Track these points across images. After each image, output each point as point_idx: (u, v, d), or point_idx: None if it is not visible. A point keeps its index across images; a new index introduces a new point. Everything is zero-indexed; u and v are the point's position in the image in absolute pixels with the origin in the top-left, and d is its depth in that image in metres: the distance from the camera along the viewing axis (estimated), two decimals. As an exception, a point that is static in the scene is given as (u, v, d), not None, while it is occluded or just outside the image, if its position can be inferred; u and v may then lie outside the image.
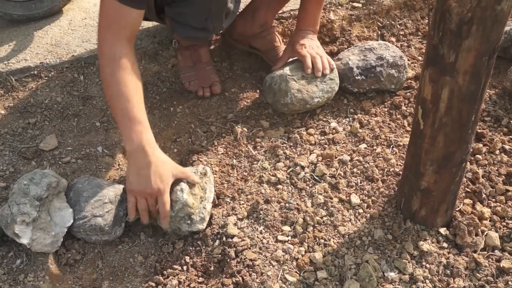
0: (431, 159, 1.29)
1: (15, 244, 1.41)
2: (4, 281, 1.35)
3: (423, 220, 1.41)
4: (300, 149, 1.67)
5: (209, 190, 1.48)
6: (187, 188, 1.41)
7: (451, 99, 1.16)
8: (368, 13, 2.19)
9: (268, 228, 1.44)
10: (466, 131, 1.22)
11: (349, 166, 1.60)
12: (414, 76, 1.94)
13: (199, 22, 1.60)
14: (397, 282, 1.30)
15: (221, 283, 1.31)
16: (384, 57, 1.83)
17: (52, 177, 1.43)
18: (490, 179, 1.54)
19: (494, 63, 1.13)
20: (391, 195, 1.51)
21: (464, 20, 1.03)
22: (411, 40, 2.14)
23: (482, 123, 1.74)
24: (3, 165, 1.63)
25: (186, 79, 1.88)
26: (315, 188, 1.53)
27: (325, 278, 1.31)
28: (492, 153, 1.62)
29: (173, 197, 1.40)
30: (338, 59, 1.89)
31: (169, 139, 1.76)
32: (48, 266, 1.38)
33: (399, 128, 1.74)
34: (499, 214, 1.45)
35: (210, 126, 1.79)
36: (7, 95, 1.86)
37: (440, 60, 1.12)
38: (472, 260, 1.34)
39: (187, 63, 1.89)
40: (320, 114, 1.80)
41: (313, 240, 1.40)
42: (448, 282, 1.30)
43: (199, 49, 1.88)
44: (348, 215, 1.46)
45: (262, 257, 1.36)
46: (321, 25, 2.13)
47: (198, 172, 1.47)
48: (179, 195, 1.40)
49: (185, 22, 1.60)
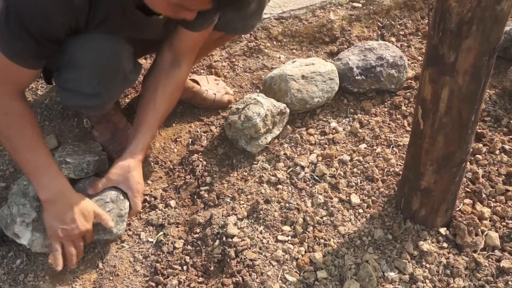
0: (431, 159, 1.29)
1: (15, 244, 1.41)
2: (4, 281, 1.35)
3: (423, 220, 1.41)
4: (300, 149, 1.67)
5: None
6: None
7: (451, 99, 1.16)
8: (368, 13, 2.19)
9: (268, 228, 1.44)
10: (466, 131, 1.22)
11: (349, 166, 1.60)
12: (414, 76, 1.94)
13: (90, 87, 1.38)
14: (397, 282, 1.30)
15: (221, 283, 1.31)
16: (384, 57, 1.83)
17: None
18: (490, 179, 1.54)
19: (494, 63, 1.13)
20: (391, 195, 1.51)
21: (464, 20, 1.03)
22: (411, 40, 2.14)
23: (482, 123, 1.74)
24: (3, 165, 1.63)
25: (113, 151, 1.65)
26: (315, 188, 1.53)
27: (325, 278, 1.31)
28: (492, 153, 1.62)
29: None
30: (338, 59, 1.89)
31: (169, 139, 1.76)
32: (48, 266, 1.38)
33: (399, 128, 1.74)
34: (499, 214, 1.45)
35: (210, 126, 1.79)
36: (7, 95, 1.86)
37: (440, 60, 1.12)
38: (472, 260, 1.34)
39: (106, 137, 1.67)
40: (320, 114, 1.80)
41: (313, 240, 1.40)
42: (448, 282, 1.30)
43: (112, 117, 1.68)
44: (348, 215, 1.46)
45: (262, 257, 1.36)
46: (321, 25, 2.13)
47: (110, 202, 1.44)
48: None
49: (75, 88, 1.38)
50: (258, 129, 1.61)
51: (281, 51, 2.10)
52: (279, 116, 1.67)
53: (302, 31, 2.13)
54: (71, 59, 1.32)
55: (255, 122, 1.60)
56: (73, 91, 1.39)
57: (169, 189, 1.61)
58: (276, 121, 1.67)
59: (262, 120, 1.61)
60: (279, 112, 1.67)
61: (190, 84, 1.78)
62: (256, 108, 1.62)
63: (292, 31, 2.12)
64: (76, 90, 1.39)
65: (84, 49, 1.31)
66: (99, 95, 1.41)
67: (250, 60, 2.05)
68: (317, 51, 2.11)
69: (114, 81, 1.41)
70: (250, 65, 2.04)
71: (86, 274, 1.40)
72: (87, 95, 1.40)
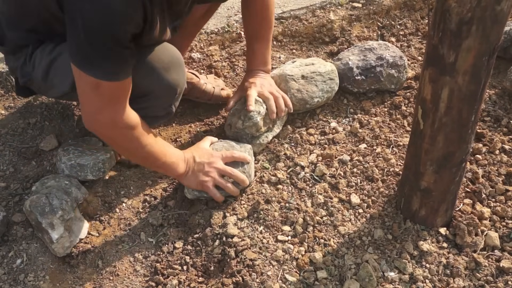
0: (431, 159, 1.29)
1: (15, 244, 1.41)
2: (5, 281, 1.35)
3: (423, 220, 1.41)
4: (300, 149, 1.67)
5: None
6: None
7: (451, 99, 1.16)
8: (368, 13, 2.19)
9: (268, 228, 1.44)
10: (466, 131, 1.22)
11: (349, 166, 1.60)
12: (414, 76, 1.94)
13: (164, 110, 1.50)
14: (397, 282, 1.30)
15: (221, 283, 1.32)
16: (384, 57, 1.83)
17: (82, 188, 1.50)
18: (490, 179, 1.54)
19: (494, 63, 1.13)
20: (391, 195, 1.51)
21: (464, 20, 1.03)
22: (411, 40, 2.14)
23: (482, 123, 1.74)
24: (3, 165, 1.63)
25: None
26: (315, 188, 1.53)
27: (325, 278, 1.31)
28: (492, 153, 1.62)
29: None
30: (338, 59, 1.89)
31: (169, 139, 1.76)
32: (48, 266, 1.38)
33: (399, 128, 1.74)
34: (499, 214, 1.45)
35: (210, 126, 1.79)
36: (7, 95, 1.86)
37: (440, 60, 1.12)
38: (472, 260, 1.34)
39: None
40: (320, 114, 1.80)
41: (313, 240, 1.40)
42: (448, 282, 1.30)
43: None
44: (348, 215, 1.46)
45: (262, 257, 1.36)
46: (321, 25, 2.13)
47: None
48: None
49: (146, 114, 1.40)
50: (259, 128, 1.61)
51: (281, 51, 2.10)
52: None
53: (302, 31, 2.13)
54: (141, 91, 1.34)
55: (256, 120, 1.60)
56: (145, 117, 1.38)
57: (169, 189, 1.61)
58: (276, 119, 1.67)
59: (263, 119, 1.62)
60: None
61: (188, 75, 1.79)
62: (256, 107, 1.62)
63: (292, 31, 2.13)
64: (147, 115, 1.40)
65: (153, 80, 1.36)
66: (170, 114, 1.52)
67: (250, 60, 2.05)
68: (317, 51, 2.11)
69: (180, 96, 1.49)
70: (250, 65, 2.04)
71: (86, 274, 1.40)
72: (159, 117, 1.52)
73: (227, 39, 2.09)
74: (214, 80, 1.90)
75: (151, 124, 1.46)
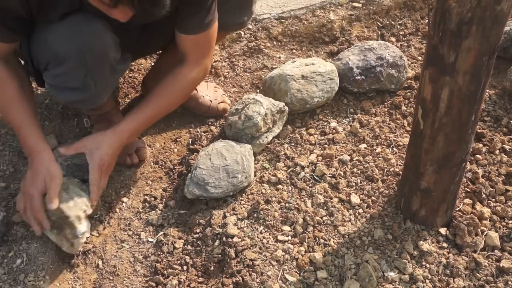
0: (431, 159, 1.29)
1: (15, 244, 1.41)
2: (5, 281, 1.35)
3: (423, 220, 1.41)
4: (300, 149, 1.67)
5: None
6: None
7: (451, 99, 1.16)
8: (368, 13, 2.19)
9: (268, 228, 1.44)
10: (466, 131, 1.22)
11: (349, 166, 1.60)
12: (414, 76, 1.94)
13: (78, 80, 1.37)
14: (397, 282, 1.30)
15: (221, 283, 1.32)
16: (384, 57, 1.83)
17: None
18: (490, 179, 1.54)
19: (494, 63, 1.13)
20: (391, 195, 1.51)
21: (464, 20, 1.03)
22: (411, 40, 2.14)
23: (482, 123, 1.74)
24: (3, 165, 1.63)
25: None
26: (315, 188, 1.53)
27: (325, 278, 1.31)
28: (492, 153, 1.62)
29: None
30: (338, 59, 1.89)
31: (169, 139, 1.76)
32: (48, 266, 1.38)
33: (399, 128, 1.74)
34: (499, 214, 1.45)
35: (210, 126, 1.79)
36: (7, 95, 1.86)
37: (440, 60, 1.12)
38: (472, 260, 1.34)
39: None
40: (320, 114, 1.80)
41: (313, 240, 1.40)
42: (448, 282, 1.30)
43: (111, 117, 1.65)
44: (348, 215, 1.46)
45: (262, 257, 1.36)
46: (321, 25, 2.13)
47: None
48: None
49: (63, 84, 1.38)
50: (259, 128, 1.61)
51: (281, 51, 2.10)
52: (278, 114, 1.67)
53: (302, 31, 2.13)
54: (53, 52, 1.31)
55: (256, 121, 1.60)
56: (62, 87, 1.39)
57: (169, 189, 1.61)
58: (276, 119, 1.67)
59: (263, 119, 1.62)
60: (278, 110, 1.67)
61: None
62: (256, 107, 1.62)
63: (292, 31, 2.13)
64: (65, 86, 1.38)
65: (65, 40, 1.30)
66: (88, 87, 1.39)
67: (250, 60, 2.05)
68: (317, 51, 2.11)
69: (102, 72, 1.39)
70: (250, 65, 2.04)
71: (86, 274, 1.40)
72: (76, 90, 1.39)
73: (227, 39, 2.09)
74: (213, 91, 1.85)
75: (70, 97, 1.42)
